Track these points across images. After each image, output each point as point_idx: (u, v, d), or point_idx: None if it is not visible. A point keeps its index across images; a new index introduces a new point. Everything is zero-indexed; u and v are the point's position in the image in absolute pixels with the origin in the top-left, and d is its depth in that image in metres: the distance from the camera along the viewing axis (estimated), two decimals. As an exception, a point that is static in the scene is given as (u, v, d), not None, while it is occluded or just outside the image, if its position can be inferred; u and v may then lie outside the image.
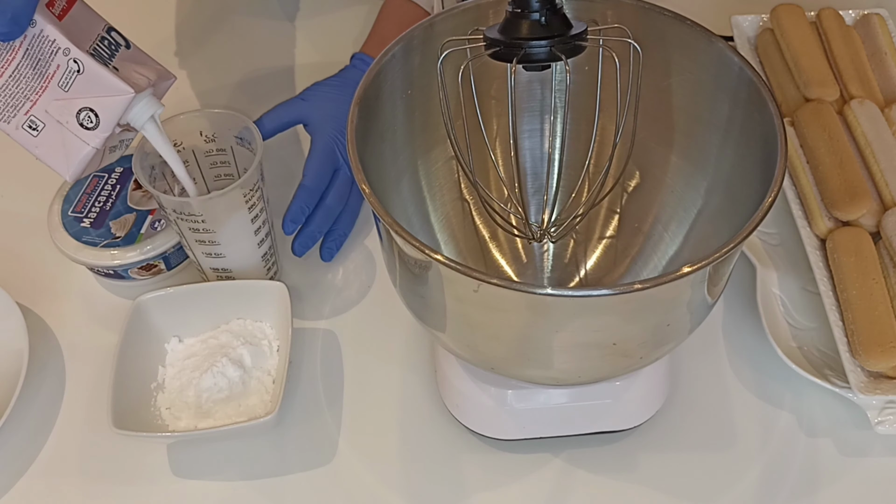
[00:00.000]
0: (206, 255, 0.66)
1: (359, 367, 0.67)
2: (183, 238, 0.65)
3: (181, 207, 0.62)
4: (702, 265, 0.44)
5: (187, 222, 0.63)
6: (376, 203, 0.47)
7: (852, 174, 0.69)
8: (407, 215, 0.61)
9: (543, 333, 0.49)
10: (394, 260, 0.52)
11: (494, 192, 0.65)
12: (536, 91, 0.63)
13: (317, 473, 0.62)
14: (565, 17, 0.50)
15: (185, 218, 0.62)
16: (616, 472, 0.62)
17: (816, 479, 0.61)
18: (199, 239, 0.64)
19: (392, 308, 0.70)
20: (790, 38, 0.79)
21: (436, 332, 0.54)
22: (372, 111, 0.54)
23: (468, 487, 0.61)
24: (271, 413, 0.59)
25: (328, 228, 0.72)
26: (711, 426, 0.64)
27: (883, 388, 0.61)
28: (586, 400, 0.60)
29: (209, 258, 0.66)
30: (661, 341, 0.52)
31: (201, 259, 0.66)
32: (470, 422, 0.61)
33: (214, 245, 0.65)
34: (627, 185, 0.65)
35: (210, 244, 0.64)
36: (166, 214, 0.63)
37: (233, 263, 0.66)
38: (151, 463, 0.63)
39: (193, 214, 0.62)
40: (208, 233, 0.63)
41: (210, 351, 0.65)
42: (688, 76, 0.58)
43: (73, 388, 0.67)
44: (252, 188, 0.63)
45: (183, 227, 0.63)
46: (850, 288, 0.64)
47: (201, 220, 0.62)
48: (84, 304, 0.72)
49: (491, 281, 0.44)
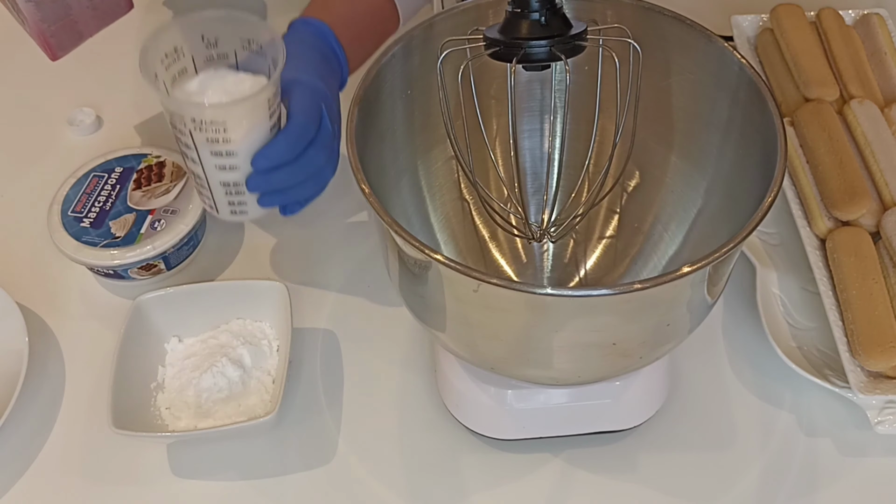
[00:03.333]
0: (218, 169, 0.59)
1: (359, 367, 0.67)
2: (193, 154, 0.58)
3: (202, 114, 0.55)
4: (702, 265, 0.44)
5: (205, 132, 0.56)
6: (376, 203, 0.47)
7: (852, 174, 0.69)
8: (407, 215, 0.61)
9: (543, 333, 0.49)
10: (394, 260, 0.52)
11: (494, 192, 0.65)
12: (536, 91, 0.63)
13: (317, 473, 0.62)
14: (565, 17, 0.50)
15: (203, 127, 0.56)
16: (616, 472, 0.62)
17: (816, 479, 0.61)
18: (215, 150, 0.58)
19: (392, 308, 0.70)
20: (790, 38, 0.79)
21: (436, 332, 0.54)
22: (372, 111, 0.54)
23: (468, 487, 0.61)
24: (271, 413, 0.59)
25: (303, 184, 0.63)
26: (711, 426, 0.64)
27: (883, 387, 0.61)
28: (586, 400, 0.60)
29: (221, 171, 0.59)
30: (660, 341, 0.52)
31: (211, 173, 0.59)
32: (470, 422, 0.61)
33: (230, 157, 0.58)
34: (627, 185, 0.65)
35: (226, 156, 0.58)
36: (178, 129, 0.57)
37: (246, 175, 0.60)
38: (151, 463, 0.63)
39: (215, 122, 0.56)
40: (227, 143, 0.57)
41: (210, 351, 0.65)
42: (688, 76, 0.58)
43: (73, 388, 0.67)
44: (276, 92, 0.58)
45: (198, 138, 0.57)
46: (849, 288, 0.64)
47: (223, 128, 0.56)
48: (84, 304, 0.72)
49: (491, 281, 0.44)
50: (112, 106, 0.86)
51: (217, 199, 0.62)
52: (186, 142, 0.58)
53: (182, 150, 0.60)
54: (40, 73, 0.90)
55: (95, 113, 0.84)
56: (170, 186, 0.71)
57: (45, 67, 0.91)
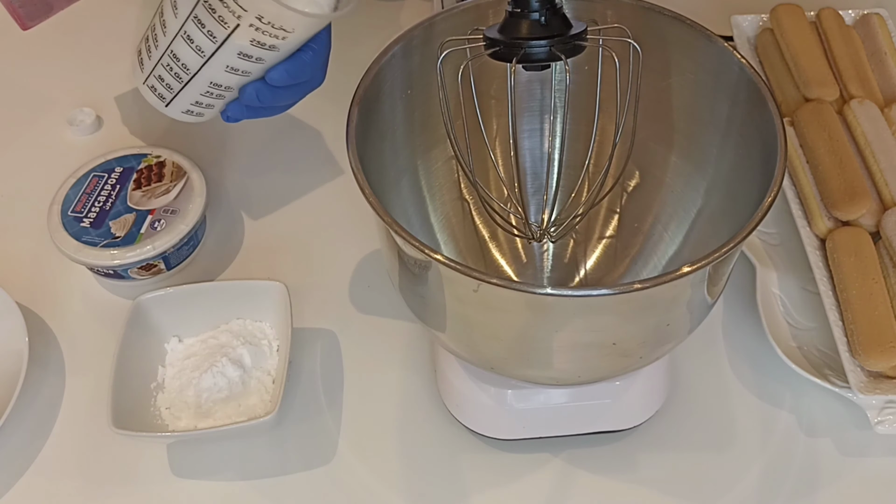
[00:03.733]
0: (227, 70, 0.55)
1: (359, 367, 0.67)
2: (207, 44, 0.53)
3: (280, 18, 0.51)
4: (702, 265, 0.44)
5: (258, 32, 0.51)
6: (376, 203, 0.47)
7: (852, 174, 0.69)
8: (407, 215, 0.61)
9: (543, 333, 0.49)
10: (394, 260, 0.52)
11: (494, 192, 0.65)
12: (536, 91, 0.63)
13: (317, 473, 0.62)
14: (565, 16, 0.50)
15: (262, 28, 0.51)
16: (616, 472, 0.62)
17: (816, 479, 0.61)
18: (246, 53, 0.53)
19: (392, 308, 0.70)
20: (790, 38, 0.79)
21: (436, 332, 0.54)
22: (372, 111, 0.54)
23: (468, 487, 0.61)
24: (271, 413, 0.59)
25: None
26: (711, 426, 0.64)
27: (883, 387, 0.61)
28: (586, 400, 0.60)
29: (227, 73, 0.55)
30: (660, 341, 0.52)
31: (213, 70, 0.55)
32: (470, 422, 0.61)
33: (255, 63, 0.54)
34: (627, 185, 0.65)
35: (253, 61, 0.54)
36: (219, 14, 0.51)
37: (245, 83, 0.57)
38: (151, 463, 0.63)
39: (284, 29, 0.52)
40: (268, 51, 0.53)
41: (210, 351, 0.65)
42: (688, 76, 0.58)
43: (73, 388, 0.67)
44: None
45: (242, 34, 0.52)
46: (849, 288, 0.64)
47: (281, 37, 0.52)
48: (84, 304, 0.72)
49: (491, 281, 0.44)
50: (112, 106, 0.86)
51: (184, 94, 0.56)
52: (214, 29, 0.52)
53: (183, 29, 0.53)
54: (40, 73, 0.90)
55: (95, 113, 0.84)
56: (170, 186, 0.71)
57: (45, 67, 0.91)
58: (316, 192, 0.79)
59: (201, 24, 0.52)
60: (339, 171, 0.80)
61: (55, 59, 0.92)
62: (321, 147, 0.83)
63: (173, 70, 0.55)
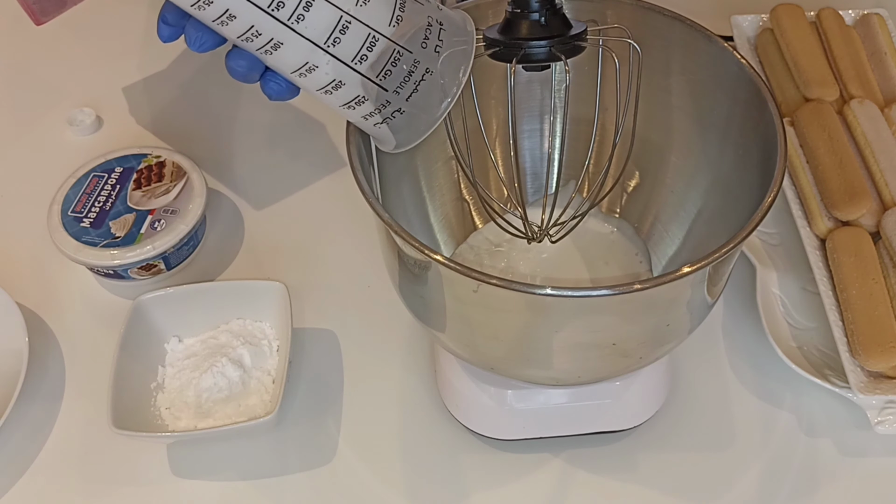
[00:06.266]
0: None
1: (359, 367, 0.67)
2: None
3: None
4: (702, 265, 0.44)
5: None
6: (376, 203, 0.47)
7: (852, 174, 0.69)
8: (407, 215, 0.61)
9: (543, 333, 0.49)
10: (394, 260, 0.52)
11: (494, 192, 0.65)
12: (536, 91, 0.63)
13: (317, 473, 0.62)
14: (565, 17, 0.50)
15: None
16: (616, 472, 0.62)
17: (816, 479, 0.61)
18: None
19: (392, 308, 0.70)
20: (790, 38, 0.79)
21: (436, 332, 0.54)
22: (372, 111, 0.54)
23: (468, 487, 0.61)
24: (271, 413, 0.59)
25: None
26: (711, 426, 0.64)
27: (883, 388, 0.61)
28: (586, 400, 0.60)
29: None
30: (660, 341, 0.52)
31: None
32: (470, 422, 0.61)
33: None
34: (627, 185, 0.65)
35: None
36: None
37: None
38: (151, 463, 0.63)
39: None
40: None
41: (210, 351, 0.65)
42: (688, 76, 0.58)
43: (72, 388, 0.67)
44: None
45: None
46: (849, 288, 0.64)
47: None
48: (84, 304, 0.72)
49: (491, 281, 0.44)
50: (112, 106, 0.86)
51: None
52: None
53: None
54: (40, 73, 0.90)
55: (95, 113, 0.84)
56: (170, 186, 0.71)
57: (45, 67, 0.91)
58: (316, 192, 0.79)
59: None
60: (339, 171, 0.80)
61: (55, 59, 0.92)
62: (321, 148, 0.83)
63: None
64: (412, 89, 0.49)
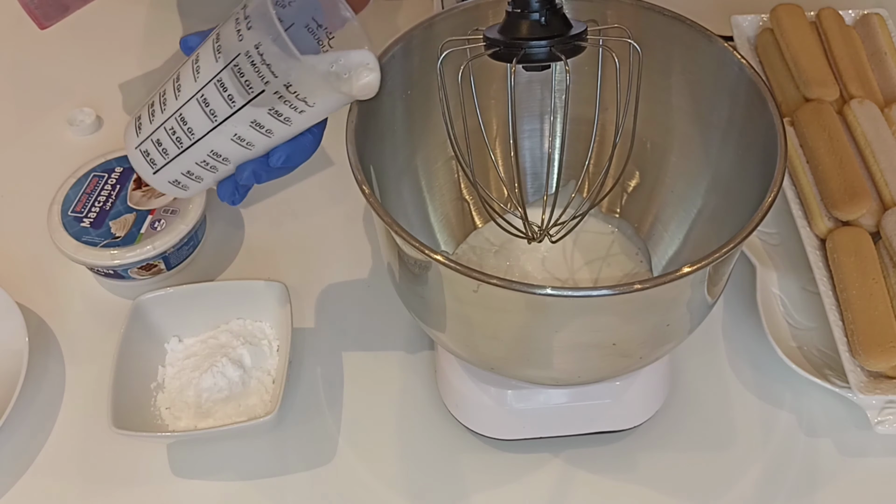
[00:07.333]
0: (233, 140, 0.51)
1: (359, 367, 0.67)
2: (223, 108, 0.50)
3: (313, 84, 0.48)
4: (702, 265, 0.44)
5: (281, 100, 0.49)
6: (376, 203, 0.47)
7: (852, 174, 0.69)
8: (407, 215, 0.61)
9: (543, 333, 0.49)
10: (394, 260, 0.52)
11: (494, 192, 0.65)
12: (536, 91, 0.63)
13: (317, 473, 0.62)
14: (565, 17, 0.50)
15: (286, 95, 0.49)
16: (616, 472, 0.62)
17: (816, 479, 0.61)
18: (259, 122, 0.50)
19: (392, 308, 0.70)
20: (790, 38, 0.79)
21: (436, 332, 0.54)
22: (372, 111, 0.54)
23: (468, 487, 0.61)
24: (271, 413, 0.59)
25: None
26: (711, 426, 0.64)
27: (883, 387, 0.61)
28: (586, 400, 0.60)
29: (232, 143, 0.52)
30: (660, 341, 0.52)
31: (217, 139, 0.51)
32: (470, 422, 0.61)
33: (266, 135, 0.51)
34: (627, 185, 0.65)
35: (264, 133, 0.51)
36: (247, 78, 0.48)
37: (247, 159, 0.53)
38: (151, 463, 0.63)
39: (306, 101, 0.49)
40: (283, 123, 0.50)
41: (210, 351, 0.65)
42: (688, 76, 0.58)
43: (73, 388, 0.67)
44: None
45: (265, 100, 0.49)
46: (849, 288, 0.64)
47: (303, 104, 0.50)
48: (84, 304, 0.72)
49: (491, 281, 0.44)
50: (112, 106, 0.86)
51: (179, 161, 0.53)
52: (235, 93, 0.49)
53: (201, 92, 0.50)
54: (40, 73, 0.90)
55: (95, 113, 0.84)
56: (170, 186, 0.71)
57: (45, 67, 0.91)
58: (316, 192, 0.79)
59: (223, 87, 0.50)
60: (339, 171, 0.80)
61: (55, 59, 0.92)
62: (321, 147, 0.82)
63: (175, 134, 0.52)
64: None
